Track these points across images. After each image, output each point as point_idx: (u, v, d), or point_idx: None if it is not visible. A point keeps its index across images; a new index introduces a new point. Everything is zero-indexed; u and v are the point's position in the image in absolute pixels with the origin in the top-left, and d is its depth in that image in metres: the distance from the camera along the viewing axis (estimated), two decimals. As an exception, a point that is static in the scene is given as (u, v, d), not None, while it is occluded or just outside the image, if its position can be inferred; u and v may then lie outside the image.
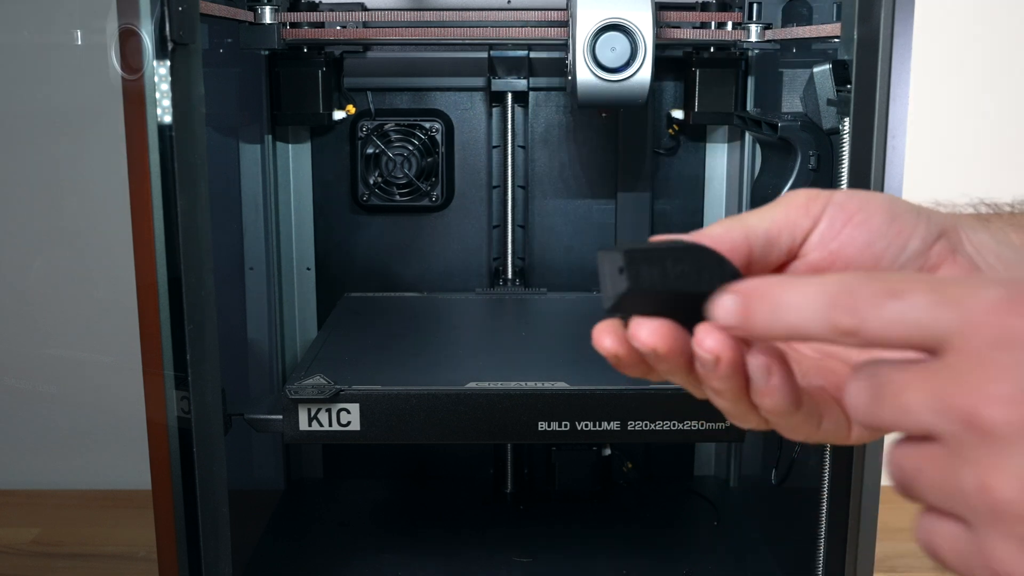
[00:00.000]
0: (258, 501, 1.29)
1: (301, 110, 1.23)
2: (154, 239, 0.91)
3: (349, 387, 0.91)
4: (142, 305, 0.91)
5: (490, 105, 1.32)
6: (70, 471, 1.55)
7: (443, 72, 1.31)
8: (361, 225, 1.35)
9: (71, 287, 1.51)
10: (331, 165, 1.34)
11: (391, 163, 1.31)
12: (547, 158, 1.34)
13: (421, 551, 1.17)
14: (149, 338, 0.91)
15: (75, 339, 1.52)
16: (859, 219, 0.39)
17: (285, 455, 1.35)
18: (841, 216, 0.39)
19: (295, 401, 0.91)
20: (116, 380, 1.48)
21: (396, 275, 1.36)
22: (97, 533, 1.39)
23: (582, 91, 1.05)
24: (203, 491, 0.96)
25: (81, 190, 1.48)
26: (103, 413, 1.53)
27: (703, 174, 1.35)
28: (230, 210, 1.18)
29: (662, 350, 0.35)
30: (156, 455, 0.94)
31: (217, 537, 1.00)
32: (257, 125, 1.22)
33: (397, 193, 1.32)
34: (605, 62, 1.03)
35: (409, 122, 1.31)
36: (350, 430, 0.91)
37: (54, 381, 1.53)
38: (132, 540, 1.36)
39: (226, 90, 1.13)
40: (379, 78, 1.31)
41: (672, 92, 1.32)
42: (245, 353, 1.23)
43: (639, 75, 1.04)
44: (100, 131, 1.42)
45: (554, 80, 1.30)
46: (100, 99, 1.42)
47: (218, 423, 0.98)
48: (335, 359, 1.00)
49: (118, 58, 0.87)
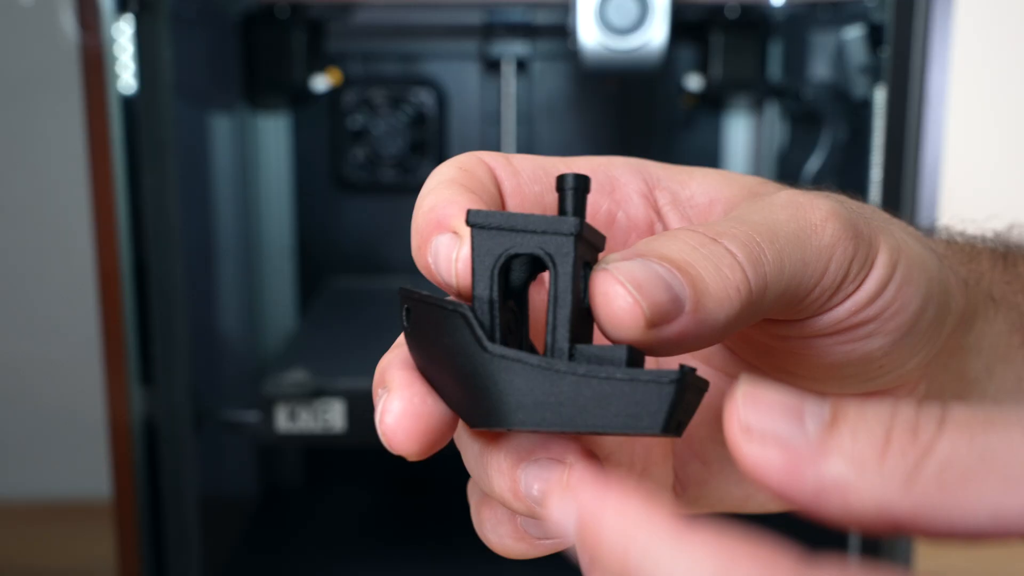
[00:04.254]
0: (232, 510, 1.30)
1: (278, 78, 1.23)
2: (117, 221, 0.91)
3: (332, 382, 0.92)
4: (103, 294, 0.92)
5: (487, 73, 1.33)
6: (18, 479, 1.55)
7: (435, 36, 1.31)
8: (345, 205, 1.35)
9: (21, 274, 1.52)
10: (312, 139, 1.34)
11: (378, 137, 1.32)
12: (549, 131, 1.35)
13: (410, 565, 1.18)
14: (111, 329, 0.92)
15: (26, 331, 1.53)
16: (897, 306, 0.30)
17: (261, 459, 1.36)
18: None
19: (272, 398, 0.92)
20: (72, 376, 1.49)
21: (384, 259, 1.36)
22: (50, 547, 1.40)
23: (589, 56, 1.05)
24: (170, 499, 0.97)
25: (32, 166, 1.48)
26: (57, 413, 1.54)
27: (722, 148, 1.35)
28: (201, 189, 1.18)
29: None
30: (118, 459, 0.95)
31: (186, 550, 1.01)
32: (230, 95, 1.22)
33: (385, 170, 1.32)
34: (614, 23, 1.04)
35: (398, 92, 1.32)
36: (333, 431, 0.92)
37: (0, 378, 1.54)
38: (90, 554, 1.36)
39: (196, 56, 1.14)
40: (364, 43, 1.31)
41: (687, 59, 1.32)
42: (218, 346, 1.24)
43: (652, 38, 1.04)
44: (53, 100, 1.42)
45: (558, 46, 1.30)
46: (52, 64, 1.42)
47: (188, 423, 0.99)
48: (317, 351, 1.01)
49: (73, 19, 0.87)
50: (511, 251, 0.26)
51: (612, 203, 0.32)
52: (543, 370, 0.25)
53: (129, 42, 0.93)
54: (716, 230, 0.27)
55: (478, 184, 0.29)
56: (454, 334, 0.26)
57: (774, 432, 0.22)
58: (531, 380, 0.25)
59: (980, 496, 0.21)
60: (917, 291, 0.30)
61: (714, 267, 0.26)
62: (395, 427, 0.27)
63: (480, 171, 0.29)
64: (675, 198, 0.32)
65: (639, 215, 0.32)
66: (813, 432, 0.22)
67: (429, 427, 0.27)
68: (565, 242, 0.26)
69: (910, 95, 0.83)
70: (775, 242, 0.27)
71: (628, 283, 0.25)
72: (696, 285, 0.26)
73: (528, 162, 0.31)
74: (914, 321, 0.30)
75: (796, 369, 0.32)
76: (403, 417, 0.27)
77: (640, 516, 0.22)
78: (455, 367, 0.26)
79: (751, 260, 0.27)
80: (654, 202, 0.32)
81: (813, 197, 0.30)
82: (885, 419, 0.22)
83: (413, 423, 0.27)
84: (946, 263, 0.32)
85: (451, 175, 0.29)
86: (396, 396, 0.27)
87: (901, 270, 0.30)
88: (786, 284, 0.28)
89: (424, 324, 0.27)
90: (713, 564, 0.20)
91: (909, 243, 0.31)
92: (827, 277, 0.28)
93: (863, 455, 0.22)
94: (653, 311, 0.25)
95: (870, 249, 0.29)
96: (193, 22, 1.10)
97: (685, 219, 0.32)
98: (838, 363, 0.31)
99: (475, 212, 0.26)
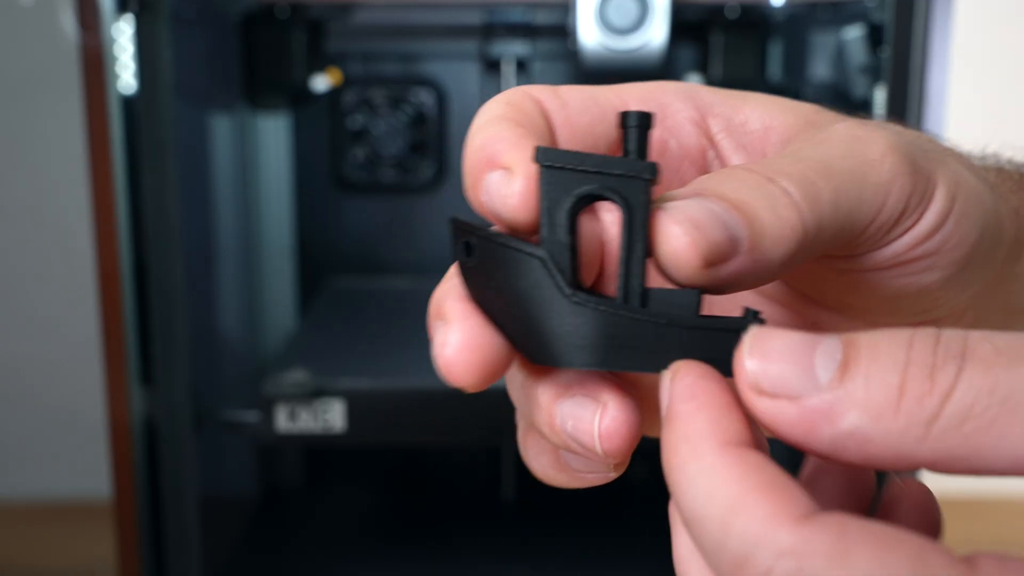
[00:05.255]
0: (232, 510, 1.30)
1: (278, 78, 1.23)
2: (117, 221, 0.91)
3: (332, 382, 0.92)
4: (103, 294, 0.92)
5: (487, 73, 1.33)
6: (18, 479, 1.56)
7: (435, 36, 1.31)
8: (345, 205, 1.35)
9: (21, 274, 1.52)
10: (312, 139, 1.34)
11: (378, 137, 1.32)
12: (550, 131, 1.35)
13: (412, 566, 1.18)
14: (111, 329, 0.92)
15: (26, 331, 1.53)
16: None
17: (261, 459, 1.36)
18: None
19: (272, 398, 0.92)
20: (72, 376, 1.49)
21: (384, 259, 1.37)
22: (50, 547, 1.40)
23: (589, 56, 1.05)
24: (170, 499, 0.97)
25: (32, 166, 1.49)
26: (57, 413, 1.54)
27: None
28: (201, 189, 1.18)
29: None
30: (118, 459, 0.95)
31: (186, 550, 1.01)
32: (231, 95, 1.23)
33: (385, 170, 1.33)
34: (614, 23, 1.04)
35: (398, 92, 1.32)
36: (333, 431, 0.92)
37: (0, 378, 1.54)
38: (90, 554, 1.37)
39: (196, 56, 1.14)
40: (364, 43, 1.31)
41: (687, 59, 1.32)
42: (218, 346, 1.24)
43: (652, 38, 1.04)
44: (53, 100, 1.42)
45: (558, 46, 1.31)
46: (52, 64, 1.43)
47: (188, 423, 0.99)
48: (317, 351, 1.01)
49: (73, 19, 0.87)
50: (582, 192, 0.26)
51: (664, 131, 0.31)
52: (621, 316, 0.25)
53: (129, 42, 0.93)
54: (773, 168, 0.27)
55: (527, 118, 0.28)
56: (527, 276, 0.26)
57: (784, 384, 0.22)
58: (608, 324, 0.25)
59: (1002, 441, 0.21)
60: (974, 224, 0.30)
61: (770, 207, 0.26)
62: (455, 359, 0.27)
63: (528, 105, 0.29)
64: (728, 124, 0.32)
65: (691, 143, 0.32)
66: (825, 380, 0.22)
67: (488, 359, 0.27)
68: (642, 187, 0.26)
69: (910, 95, 0.83)
70: (832, 179, 0.27)
71: (687, 222, 0.25)
72: (753, 225, 0.26)
73: (576, 92, 0.30)
74: (970, 254, 0.30)
75: (852, 301, 0.32)
76: (462, 349, 0.27)
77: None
78: (524, 306, 0.26)
79: (808, 199, 0.26)
80: (707, 129, 0.32)
81: (871, 130, 0.29)
82: (900, 360, 0.22)
83: (472, 355, 0.27)
84: (998, 192, 0.32)
85: (499, 111, 0.29)
86: (455, 328, 0.27)
87: (959, 204, 0.29)
88: (843, 221, 0.27)
89: (488, 261, 0.26)
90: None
91: (966, 176, 0.30)
92: (884, 213, 0.28)
93: (878, 404, 0.21)
94: (710, 251, 0.25)
95: (928, 184, 0.29)
96: (193, 22, 1.10)
97: (739, 146, 0.32)
98: (894, 296, 0.31)
99: (544, 150, 0.26)
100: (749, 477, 0.22)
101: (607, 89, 0.31)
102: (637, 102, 0.31)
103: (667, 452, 0.24)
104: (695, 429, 0.23)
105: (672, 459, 0.23)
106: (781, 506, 0.21)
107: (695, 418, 0.23)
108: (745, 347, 0.23)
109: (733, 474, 0.22)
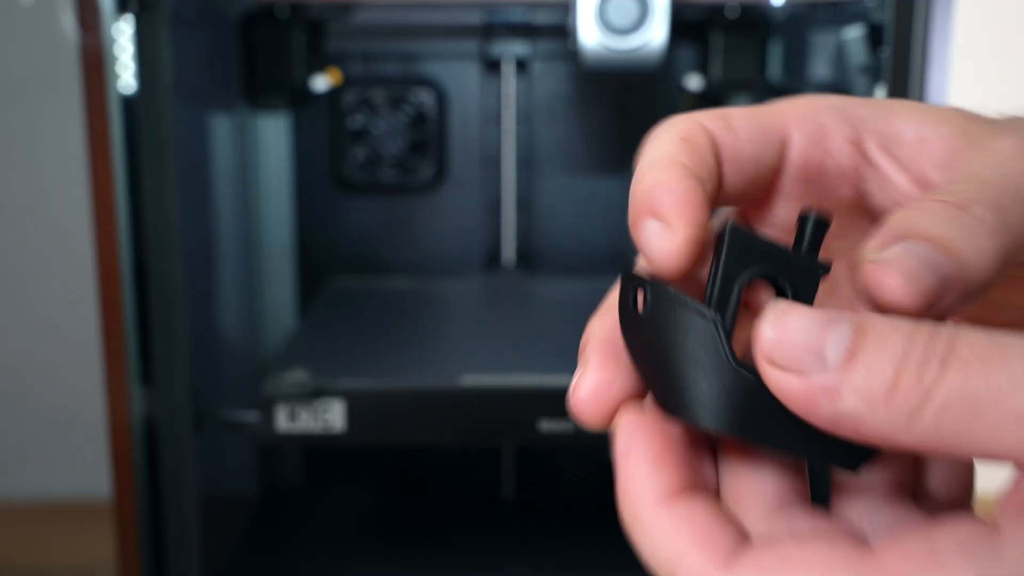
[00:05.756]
0: (232, 510, 1.30)
1: (278, 78, 1.23)
2: (117, 221, 0.92)
3: (332, 382, 0.92)
4: (103, 294, 0.92)
5: (487, 73, 1.33)
6: (18, 479, 1.56)
7: (435, 36, 1.32)
8: (345, 204, 1.36)
9: (21, 274, 1.52)
10: (312, 139, 1.34)
11: (378, 137, 1.32)
12: (550, 131, 1.35)
13: (411, 566, 1.18)
14: (111, 329, 0.92)
15: (26, 331, 1.53)
16: None
17: (261, 459, 1.36)
18: None
19: (272, 398, 0.92)
20: (72, 376, 1.49)
21: (384, 259, 1.37)
22: (50, 547, 1.40)
23: (589, 56, 1.06)
24: (170, 499, 0.97)
25: (32, 166, 1.49)
26: (57, 413, 1.54)
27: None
28: (201, 189, 1.18)
29: None
30: (118, 459, 0.95)
31: (186, 550, 1.01)
32: (231, 95, 1.23)
33: (385, 170, 1.33)
34: (614, 23, 1.04)
35: (398, 92, 1.32)
36: (333, 431, 0.92)
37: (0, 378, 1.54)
38: (90, 554, 1.37)
39: (196, 56, 1.14)
40: (364, 43, 1.31)
41: (687, 59, 1.32)
42: (218, 346, 1.24)
43: (652, 38, 1.05)
44: (53, 100, 1.42)
45: (558, 46, 1.31)
46: (52, 64, 1.43)
47: (188, 423, 0.99)
48: (317, 351, 1.01)
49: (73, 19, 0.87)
50: (758, 274, 0.28)
51: (822, 151, 0.32)
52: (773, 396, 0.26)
53: (129, 42, 0.93)
54: (962, 197, 0.28)
55: (699, 161, 0.29)
56: (693, 334, 0.27)
57: (795, 360, 0.24)
58: (758, 397, 0.26)
59: (983, 433, 0.23)
60: None
61: (971, 237, 0.27)
62: (585, 402, 0.30)
63: (701, 140, 0.30)
64: (882, 139, 0.32)
65: (847, 163, 0.33)
66: (832, 361, 0.24)
67: (613, 407, 0.30)
68: (813, 281, 0.28)
69: (910, 95, 0.83)
70: (1018, 199, 0.28)
71: (903, 275, 0.26)
72: (959, 259, 0.26)
73: (744, 119, 0.31)
74: None
75: (1012, 301, 0.33)
76: (592, 395, 0.30)
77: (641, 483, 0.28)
78: (680, 361, 0.27)
79: (1003, 224, 0.27)
80: (862, 148, 0.33)
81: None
82: (898, 353, 0.24)
83: (599, 403, 0.30)
84: None
85: (672, 151, 0.30)
86: (590, 374, 0.30)
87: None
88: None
89: (657, 312, 0.28)
90: None
91: None
92: None
93: (873, 393, 0.24)
94: (929, 296, 0.26)
95: None
96: (193, 22, 1.11)
97: (897, 164, 0.32)
98: None
99: (734, 230, 0.28)
100: (680, 533, 0.26)
101: (768, 111, 0.32)
102: (796, 123, 0.32)
103: (619, 506, 0.28)
104: (632, 489, 0.28)
105: (623, 515, 0.28)
106: (709, 554, 0.26)
107: (631, 477, 0.28)
108: (766, 321, 0.25)
109: (667, 532, 0.27)
